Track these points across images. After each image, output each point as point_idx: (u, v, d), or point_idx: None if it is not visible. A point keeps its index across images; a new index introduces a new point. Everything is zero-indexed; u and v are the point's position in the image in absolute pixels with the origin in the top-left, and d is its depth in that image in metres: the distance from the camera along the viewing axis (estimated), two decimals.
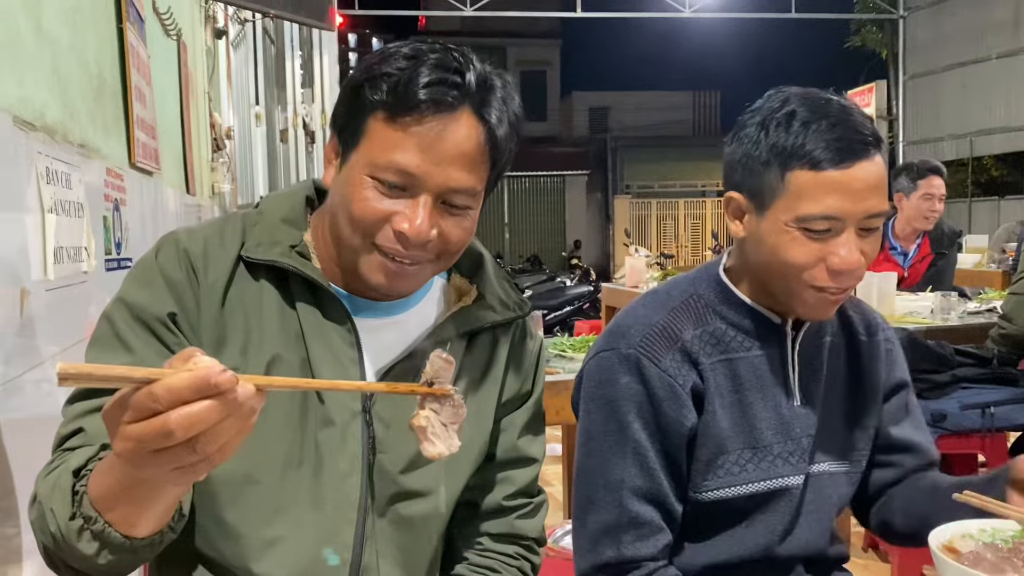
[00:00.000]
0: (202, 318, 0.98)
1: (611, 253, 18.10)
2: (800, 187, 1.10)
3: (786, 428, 1.23)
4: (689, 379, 1.19)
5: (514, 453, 1.14)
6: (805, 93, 1.15)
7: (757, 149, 1.14)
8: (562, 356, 2.67)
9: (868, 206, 1.10)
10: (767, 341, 1.23)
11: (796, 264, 1.13)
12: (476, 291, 1.11)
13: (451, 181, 0.95)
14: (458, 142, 0.94)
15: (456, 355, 1.06)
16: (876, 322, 1.35)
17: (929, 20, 12.46)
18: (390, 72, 0.94)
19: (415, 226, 0.95)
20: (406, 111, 0.93)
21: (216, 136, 4.73)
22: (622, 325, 1.24)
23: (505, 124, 0.98)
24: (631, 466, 1.18)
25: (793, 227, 1.12)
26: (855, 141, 1.09)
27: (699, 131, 23.29)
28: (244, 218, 1.05)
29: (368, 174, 0.95)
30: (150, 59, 2.59)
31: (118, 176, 1.97)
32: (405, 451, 1.04)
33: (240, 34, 5.68)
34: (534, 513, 1.16)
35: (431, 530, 1.09)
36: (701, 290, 1.25)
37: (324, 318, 1.02)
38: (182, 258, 0.99)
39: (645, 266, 5.15)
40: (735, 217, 1.21)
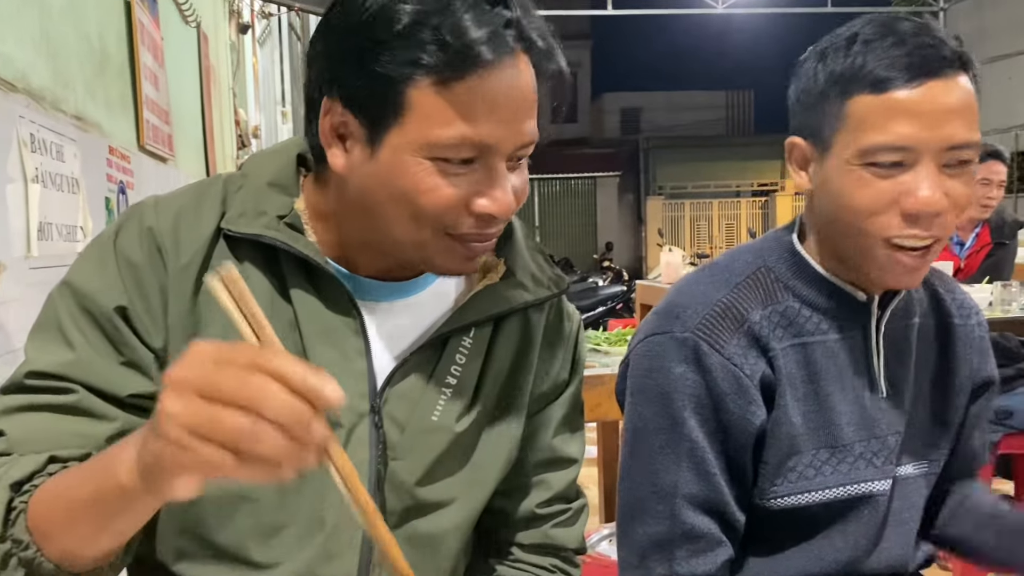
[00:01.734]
0: (170, 309, 0.81)
1: (643, 255, 17.90)
2: (862, 115, 0.92)
3: (870, 425, 1.04)
4: (758, 368, 1.00)
5: (550, 453, 0.97)
6: (875, 15, 0.97)
7: (815, 81, 0.97)
8: (596, 350, 2.52)
9: (947, 133, 0.91)
10: (848, 322, 1.04)
11: (862, 209, 0.94)
12: (504, 266, 0.93)
13: (524, 137, 0.79)
14: (524, 93, 0.78)
15: (482, 341, 0.90)
16: (970, 304, 1.15)
17: (971, 11, 12.16)
18: (422, 22, 0.74)
19: (503, 202, 0.79)
20: (466, 72, 0.74)
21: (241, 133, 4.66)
22: (677, 304, 1.05)
23: (553, 47, 0.82)
24: (686, 470, 1.00)
25: (856, 164, 0.94)
26: (928, 57, 0.91)
27: (733, 131, 23.00)
28: (227, 181, 0.87)
29: (429, 156, 0.76)
30: (164, 42, 2.49)
31: (124, 157, 1.87)
32: (422, 457, 0.87)
33: (266, 30, 5.62)
34: (573, 520, 1.00)
35: (453, 546, 0.93)
36: (771, 262, 1.06)
37: (321, 301, 0.84)
38: (145, 237, 0.82)
39: (681, 262, 4.98)
40: (799, 167, 1.03)
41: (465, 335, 0.90)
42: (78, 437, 0.77)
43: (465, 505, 0.92)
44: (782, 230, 1.10)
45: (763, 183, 19.70)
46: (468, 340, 0.90)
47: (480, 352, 0.91)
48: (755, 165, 19.75)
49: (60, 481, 0.71)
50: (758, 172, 19.81)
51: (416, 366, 0.87)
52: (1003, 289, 3.19)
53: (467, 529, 0.94)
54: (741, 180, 19.96)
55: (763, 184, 19.68)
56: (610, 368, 2.26)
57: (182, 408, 0.55)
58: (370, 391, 0.86)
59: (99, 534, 0.68)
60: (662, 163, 19.87)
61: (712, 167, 19.70)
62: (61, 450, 0.76)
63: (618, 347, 2.51)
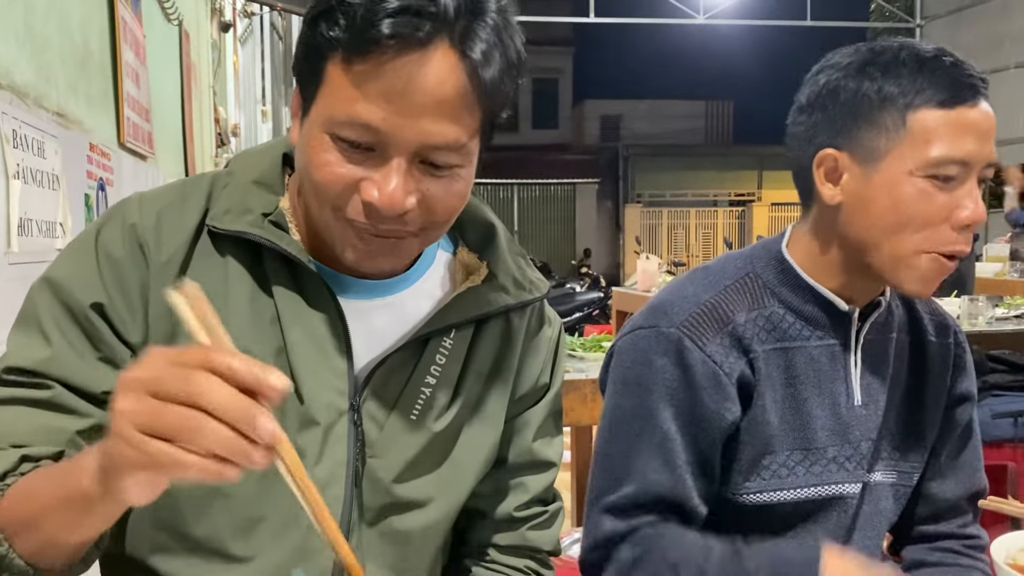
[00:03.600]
0: (151, 305, 0.82)
1: (621, 262, 17.98)
2: (928, 128, 0.97)
3: (843, 430, 1.09)
4: (736, 368, 1.05)
5: (528, 457, 0.98)
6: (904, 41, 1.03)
7: (861, 96, 1.01)
8: (572, 356, 2.55)
9: (989, 151, 0.99)
10: (829, 330, 1.09)
11: (920, 221, 0.99)
12: (486, 269, 0.94)
13: (427, 136, 0.76)
14: (433, 86, 0.74)
15: (463, 342, 0.92)
16: (948, 324, 1.19)
17: (946, 29, 12.34)
18: (348, 1, 0.74)
19: (386, 194, 0.76)
20: (366, 51, 0.73)
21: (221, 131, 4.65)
22: (665, 302, 1.09)
23: (497, 58, 0.77)
24: (655, 458, 1.04)
25: (919, 175, 0.98)
26: (976, 79, 0.98)
27: (712, 140, 23.16)
28: (213, 179, 0.88)
29: (328, 132, 0.77)
30: (146, 40, 2.49)
31: (104, 154, 1.87)
32: (400, 455, 0.89)
33: (247, 29, 5.60)
34: (549, 523, 1.01)
35: (430, 544, 0.94)
36: (759, 268, 1.10)
37: (303, 299, 0.85)
38: (127, 234, 0.83)
39: (657, 270, 5.02)
40: (830, 179, 1.05)
41: (446, 336, 0.91)
42: (52, 432, 0.78)
43: (442, 504, 0.93)
44: (772, 239, 1.14)
45: (740, 193, 19.86)
46: (449, 341, 0.91)
47: (461, 353, 0.92)
48: (733, 175, 19.91)
49: (31, 482, 0.72)
50: (736, 182, 19.97)
51: (396, 365, 0.88)
52: (970, 303, 3.26)
53: (444, 528, 0.95)
54: (719, 189, 20.11)
55: (740, 194, 19.84)
56: (585, 374, 2.29)
57: (130, 405, 0.57)
58: (350, 389, 0.87)
59: (68, 535, 0.70)
60: (641, 171, 19.98)
61: (690, 176, 19.84)
62: (35, 446, 0.77)
63: (594, 353, 2.55)
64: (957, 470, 1.19)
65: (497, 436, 0.96)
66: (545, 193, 19.88)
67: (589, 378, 2.25)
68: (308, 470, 0.84)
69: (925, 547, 1.20)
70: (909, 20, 12.75)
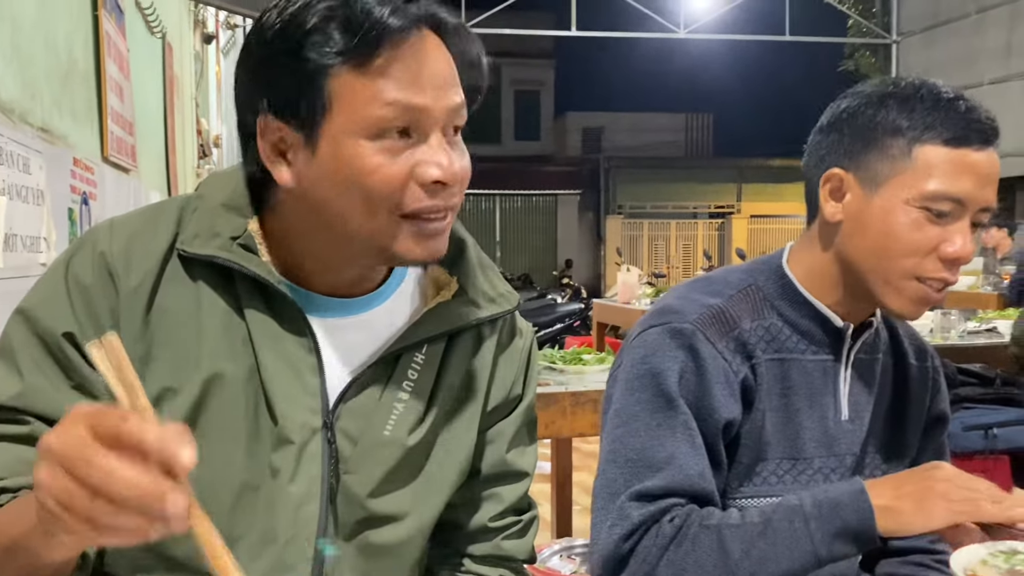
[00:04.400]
0: (122, 333, 0.82)
1: (602, 273, 18.04)
2: (930, 162, 1.02)
3: (830, 443, 1.13)
4: (742, 371, 1.09)
5: (502, 467, 1.00)
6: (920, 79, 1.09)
7: (875, 124, 1.06)
8: (552, 368, 2.57)
9: (987, 196, 1.04)
10: (824, 345, 1.13)
11: (908, 248, 1.04)
12: (456, 283, 0.95)
13: (452, 102, 0.83)
14: (438, 62, 0.82)
15: (434, 357, 0.93)
16: (926, 348, 1.25)
17: (922, 46, 12.51)
18: (329, 16, 0.78)
19: (448, 167, 0.81)
20: (379, 48, 0.78)
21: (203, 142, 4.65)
22: (673, 305, 1.13)
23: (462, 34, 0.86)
24: (683, 443, 1.05)
25: (915, 206, 1.03)
26: (986, 127, 1.04)
27: (692, 153, 23.30)
28: (184, 204, 0.89)
29: (365, 136, 0.79)
30: (130, 53, 2.50)
31: (88, 168, 1.88)
32: (375, 471, 0.90)
33: (231, 40, 5.60)
34: (523, 532, 1.03)
35: (406, 558, 0.95)
36: (760, 281, 1.15)
37: (275, 321, 0.86)
38: (97, 261, 0.83)
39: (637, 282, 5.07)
40: (833, 197, 1.10)
41: (418, 351, 0.92)
42: (29, 465, 0.79)
43: (418, 518, 0.94)
44: (773, 254, 1.19)
45: (720, 205, 20.00)
46: (421, 356, 0.92)
47: (433, 368, 0.93)
48: (713, 187, 20.05)
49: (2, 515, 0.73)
50: (715, 194, 20.11)
51: (369, 382, 0.90)
52: (943, 317, 3.32)
53: (420, 541, 0.97)
54: (699, 202, 20.23)
55: (720, 206, 19.97)
56: (565, 387, 2.31)
57: (49, 480, 0.58)
58: (323, 407, 0.88)
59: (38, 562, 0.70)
60: (622, 183, 20.06)
61: (671, 188, 19.95)
62: (12, 478, 0.79)
63: (573, 366, 2.56)
64: None
65: (471, 448, 0.97)
66: (527, 204, 19.92)
67: (569, 391, 2.28)
68: (283, 488, 0.87)
69: (897, 561, 1.23)
70: (886, 36, 12.91)
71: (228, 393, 0.85)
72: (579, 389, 2.29)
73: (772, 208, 18.91)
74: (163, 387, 0.84)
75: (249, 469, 0.86)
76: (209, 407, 0.85)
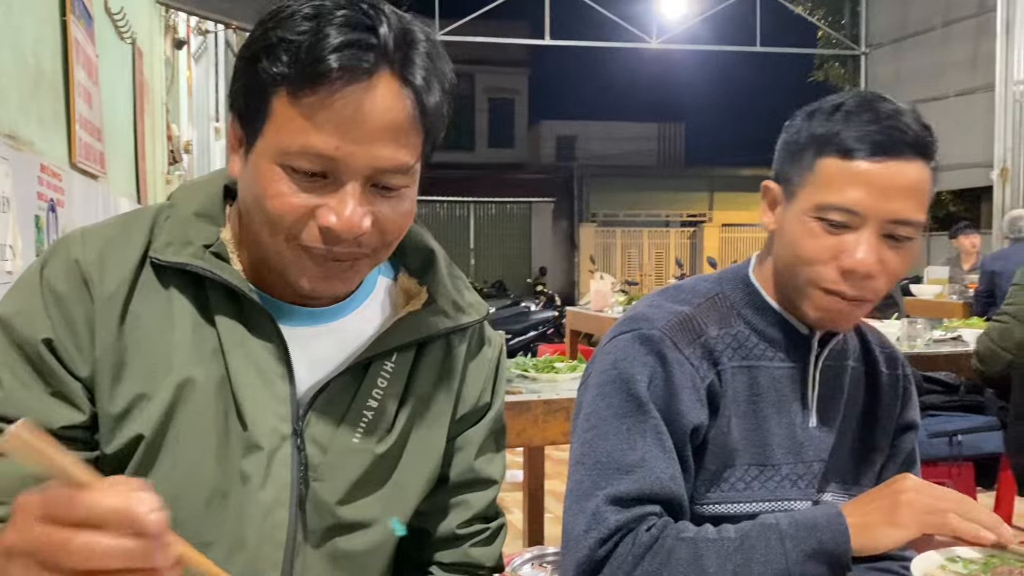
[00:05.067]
0: (97, 340, 0.83)
1: (576, 280, 18.10)
2: (827, 175, 1.04)
3: (798, 449, 1.14)
4: (708, 377, 1.10)
5: (471, 475, 1.01)
6: (866, 92, 1.10)
7: (797, 135, 1.09)
8: (524, 376, 2.57)
9: (893, 208, 1.02)
10: (791, 353, 1.15)
11: (806, 257, 1.05)
12: (426, 293, 0.96)
13: (379, 160, 0.80)
14: (382, 113, 0.79)
15: (404, 365, 0.94)
16: (897, 357, 1.27)
17: (890, 57, 12.71)
18: (289, 38, 0.77)
19: (345, 218, 0.80)
20: (315, 84, 0.76)
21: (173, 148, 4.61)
22: (642, 312, 1.15)
23: (435, 83, 0.82)
24: (653, 446, 1.06)
25: (811, 217, 1.05)
26: (894, 138, 1.02)
27: (664, 162, 23.48)
28: (156, 213, 0.90)
29: (279, 163, 0.79)
30: (99, 59, 2.48)
31: (55, 175, 1.86)
32: (344, 478, 0.91)
33: (202, 46, 5.57)
34: (491, 540, 1.03)
35: (375, 565, 0.96)
36: (727, 290, 1.17)
37: (246, 328, 0.87)
38: (71, 269, 0.84)
39: (610, 289, 5.09)
40: (769, 207, 1.13)
41: (387, 360, 0.93)
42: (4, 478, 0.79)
43: (387, 525, 0.95)
44: (740, 265, 1.21)
45: (692, 214, 20.16)
46: (390, 365, 0.93)
47: (402, 376, 0.94)
48: (684, 196, 20.21)
49: None
50: (687, 203, 20.27)
51: (338, 389, 0.90)
52: (909, 326, 3.36)
53: (389, 548, 0.97)
54: (671, 210, 20.37)
55: (692, 215, 20.14)
56: (538, 395, 2.31)
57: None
58: (292, 414, 0.89)
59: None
60: (596, 191, 20.16)
61: (643, 197, 20.07)
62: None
63: (546, 373, 2.56)
64: None
65: (439, 456, 0.98)
66: (501, 212, 19.95)
67: (541, 399, 2.28)
68: (252, 494, 0.87)
69: (864, 567, 1.25)
70: (855, 48, 13.11)
71: (199, 399, 0.85)
72: (551, 397, 2.29)
73: (743, 217, 19.10)
74: (136, 393, 0.84)
75: (219, 475, 0.86)
76: (180, 413, 0.85)
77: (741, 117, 7.83)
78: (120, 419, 0.84)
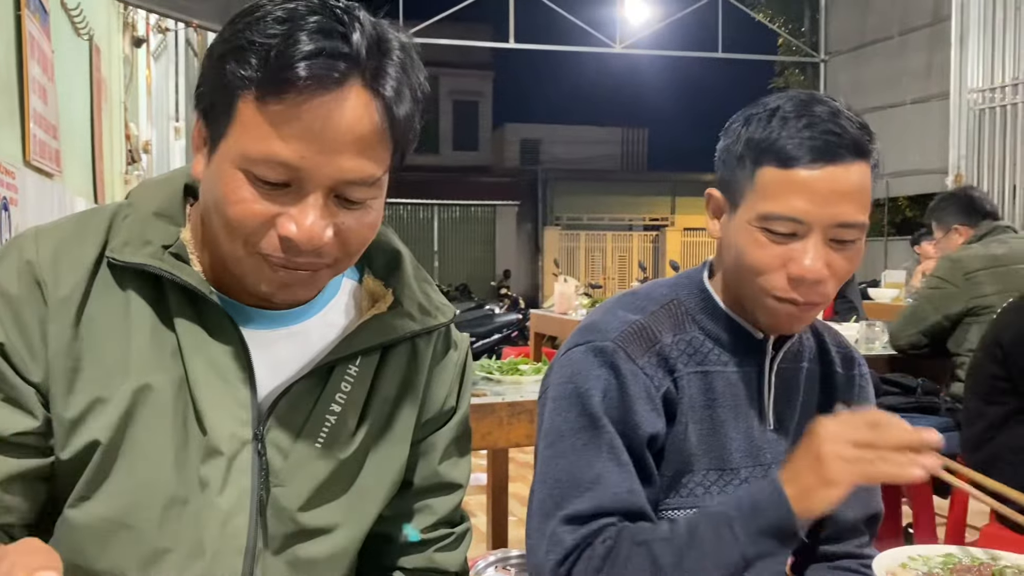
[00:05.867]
0: (50, 343, 0.81)
1: (540, 284, 18.14)
2: (767, 185, 1.04)
3: (756, 453, 1.15)
4: (663, 384, 1.10)
5: (435, 479, 1.00)
6: (801, 92, 1.09)
7: (736, 144, 1.08)
8: (489, 379, 2.57)
9: (837, 212, 1.02)
10: (745, 357, 1.15)
11: (754, 267, 1.05)
12: (392, 296, 0.95)
13: (344, 172, 0.78)
14: (349, 124, 0.77)
15: (368, 368, 0.93)
16: (853, 356, 1.28)
17: (849, 65, 12.92)
18: (259, 41, 0.75)
19: (305, 229, 0.78)
20: (282, 91, 0.74)
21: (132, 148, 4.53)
22: (597, 322, 1.15)
23: (406, 95, 0.80)
24: (608, 462, 1.06)
25: (756, 227, 1.05)
26: (831, 143, 1.02)
27: (627, 166, 23.66)
28: (114, 212, 0.88)
29: (241, 168, 0.77)
30: (55, 55, 2.42)
31: (8, 172, 1.81)
32: (306, 483, 0.89)
33: (161, 44, 5.48)
34: (456, 545, 1.02)
35: (335, 571, 0.94)
36: (682, 296, 1.17)
37: (206, 331, 0.85)
38: (24, 271, 0.82)
39: (574, 292, 5.10)
40: (714, 216, 1.14)
41: (351, 363, 0.92)
42: None
43: (348, 530, 0.93)
44: (696, 269, 1.21)
45: (655, 218, 20.33)
46: (354, 368, 0.92)
47: (366, 380, 0.93)
48: (647, 200, 20.37)
49: None
50: (650, 207, 20.43)
51: (300, 394, 0.89)
52: (867, 328, 3.42)
53: (351, 554, 0.96)
54: (634, 214, 20.52)
55: (655, 219, 20.30)
56: (502, 397, 2.31)
57: None
58: (253, 419, 0.87)
59: None
60: (560, 194, 20.24)
61: (607, 200, 20.20)
62: None
63: (510, 376, 2.56)
64: (857, 494, 1.26)
65: (404, 460, 0.97)
66: (465, 214, 19.93)
67: (506, 401, 2.27)
68: (211, 500, 0.86)
69: (826, 566, 1.26)
70: (814, 55, 13.31)
71: (157, 404, 0.83)
72: (516, 399, 2.28)
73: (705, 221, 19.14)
74: (93, 398, 0.82)
75: (177, 481, 0.84)
76: (138, 418, 0.83)
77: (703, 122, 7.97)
78: (75, 424, 0.82)
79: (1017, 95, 7.40)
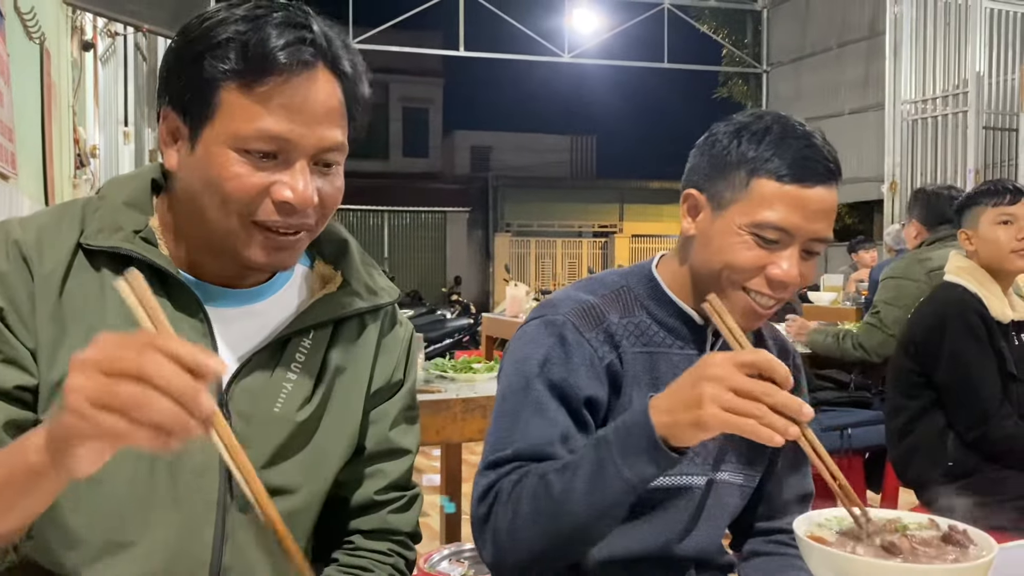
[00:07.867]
0: (38, 313, 0.92)
1: (491, 290, 18.21)
2: (762, 195, 1.15)
3: None
4: (608, 357, 1.21)
5: (386, 445, 1.09)
6: (780, 116, 1.20)
7: (727, 153, 1.18)
8: (443, 377, 2.64)
9: (817, 228, 1.15)
10: (688, 341, 1.26)
11: (739, 267, 1.16)
12: (341, 277, 1.07)
13: (323, 140, 0.92)
14: (323, 100, 0.92)
15: (321, 342, 1.03)
16: (788, 348, 1.39)
17: (790, 75, 13.27)
18: (234, 38, 0.89)
19: (300, 192, 0.91)
20: (265, 76, 0.88)
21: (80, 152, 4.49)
22: (552, 300, 1.27)
23: (362, 77, 0.97)
24: (532, 417, 1.16)
25: (745, 231, 1.16)
26: (820, 166, 1.15)
27: (576, 174, 23.85)
28: (85, 204, 0.98)
29: (233, 147, 0.89)
30: (9, 58, 2.43)
31: None
32: (267, 445, 0.99)
33: (110, 48, 5.43)
34: (408, 507, 1.12)
35: (297, 529, 1.03)
36: (632, 283, 1.28)
37: (174, 308, 0.95)
38: (11, 249, 0.92)
39: (525, 296, 5.19)
40: (690, 214, 1.23)
41: (305, 336, 1.03)
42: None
43: (308, 490, 1.03)
44: (645, 262, 1.33)
45: (603, 224, 20.56)
46: (308, 341, 1.03)
47: (319, 352, 1.04)
48: (596, 207, 20.59)
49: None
50: (599, 214, 20.66)
51: (259, 364, 0.99)
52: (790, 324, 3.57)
53: (312, 514, 1.05)
54: (583, 221, 20.72)
55: (603, 226, 20.53)
56: (456, 394, 2.38)
57: (84, 382, 0.66)
58: (216, 388, 0.97)
59: (6, 514, 0.76)
60: (510, 201, 20.34)
61: (557, 207, 20.37)
62: None
63: (464, 374, 2.64)
64: (790, 475, 1.38)
65: (356, 426, 1.07)
66: (416, 221, 19.91)
67: (460, 397, 2.35)
68: (184, 459, 0.95)
69: (761, 540, 1.38)
70: (756, 66, 13.65)
71: None
72: (469, 396, 2.36)
73: (652, 228, 19.60)
74: None
75: None
76: None
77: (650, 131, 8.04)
78: (57, 386, 0.91)
79: (947, 106, 7.72)
